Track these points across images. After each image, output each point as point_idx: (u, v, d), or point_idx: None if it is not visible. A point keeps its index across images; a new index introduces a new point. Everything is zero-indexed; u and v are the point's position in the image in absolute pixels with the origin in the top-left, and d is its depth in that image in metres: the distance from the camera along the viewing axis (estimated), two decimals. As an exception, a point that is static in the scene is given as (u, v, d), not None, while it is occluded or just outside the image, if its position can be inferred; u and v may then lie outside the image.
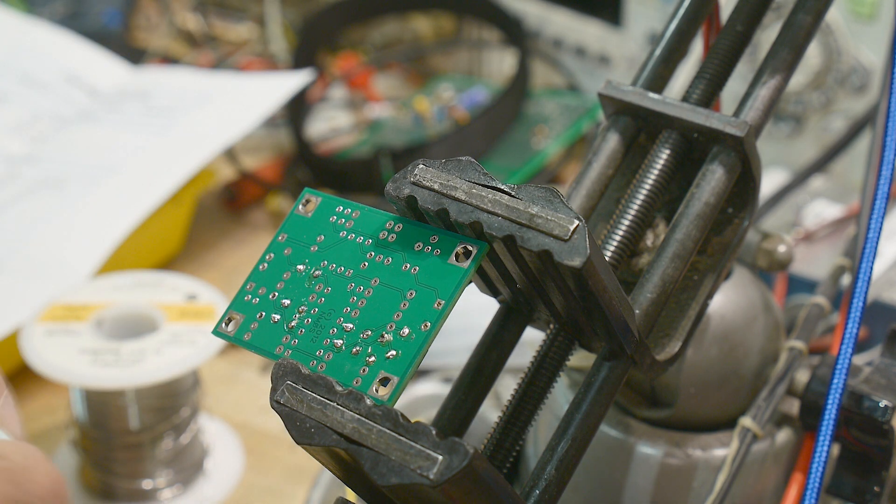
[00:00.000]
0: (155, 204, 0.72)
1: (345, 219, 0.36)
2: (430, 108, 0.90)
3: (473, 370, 0.39)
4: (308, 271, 0.35)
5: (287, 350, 0.34)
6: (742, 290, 0.47)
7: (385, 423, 0.31)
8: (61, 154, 0.78)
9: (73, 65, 0.86)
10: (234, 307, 0.36)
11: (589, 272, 0.33)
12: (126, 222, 0.71)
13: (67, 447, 0.63)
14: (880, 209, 0.40)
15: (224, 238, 0.82)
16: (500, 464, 0.38)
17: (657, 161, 0.40)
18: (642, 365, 0.38)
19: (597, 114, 0.88)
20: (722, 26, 0.43)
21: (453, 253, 0.34)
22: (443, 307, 0.33)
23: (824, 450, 0.39)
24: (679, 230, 0.39)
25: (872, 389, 0.44)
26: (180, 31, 1.03)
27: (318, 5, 0.99)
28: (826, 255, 0.65)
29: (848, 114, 0.77)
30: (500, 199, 0.33)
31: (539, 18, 0.92)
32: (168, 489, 0.60)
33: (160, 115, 0.81)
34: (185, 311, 0.60)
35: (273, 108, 0.82)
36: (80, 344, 0.58)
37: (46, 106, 0.82)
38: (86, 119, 0.82)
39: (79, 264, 0.69)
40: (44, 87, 0.84)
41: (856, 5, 0.74)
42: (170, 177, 0.74)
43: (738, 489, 0.45)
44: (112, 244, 0.70)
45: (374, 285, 0.34)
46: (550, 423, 0.48)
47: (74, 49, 0.88)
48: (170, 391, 0.59)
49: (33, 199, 0.74)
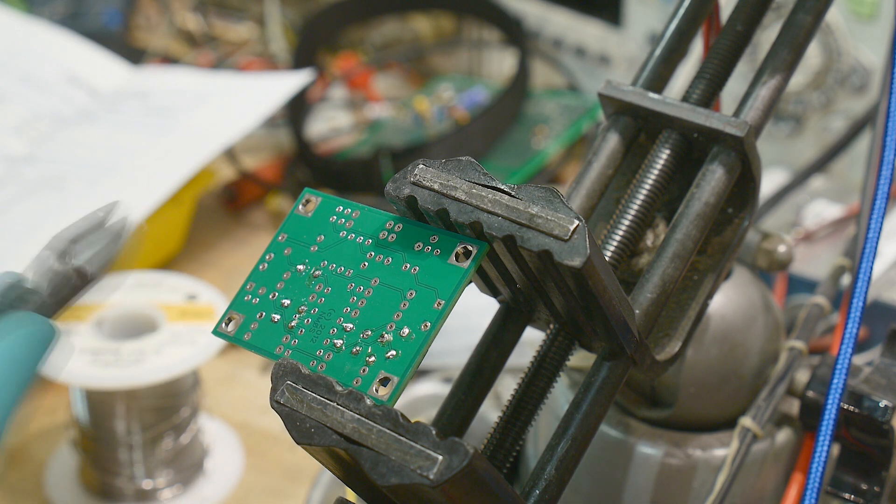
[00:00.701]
0: (155, 204, 0.72)
1: (345, 219, 0.36)
2: (430, 108, 0.90)
3: (473, 370, 0.39)
4: (308, 271, 0.35)
5: (287, 350, 0.34)
6: (742, 290, 0.47)
7: (385, 423, 0.31)
8: (61, 154, 0.78)
9: (73, 65, 0.86)
10: (234, 307, 0.36)
11: (589, 272, 0.33)
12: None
13: (67, 447, 0.63)
14: (880, 209, 0.40)
15: (224, 238, 0.82)
16: (500, 464, 0.38)
17: (657, 161, 0.40)
18: (642, 365, 0.38)
19: (597, 114, 0.88)
20: (722, 26, 0.43)
21: (453, 253, 0.34)
22: (443, 307, 0.33)
23: (824, 450, 0.39)
24: (679, 230, 0.39)
25: (872, 389, 0.44)
26: (180, 31, 1.03)
27: (318, 5, 0.99)
28: (826, 255, 0.65)
29: (848, 114, 0.77)
30: (501, 199, 0.33)
31: (539, 18, 0.92)
32: (168, 489, 0.60)
33: (160, 114, 0.81)
34: (185, 311, 0.60)
35: (273, 108, 0.82)
36: (80, 344, 0.58)
37: (47, 106, 0.82)
38: (86, 119, 0.82)
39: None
40: (44, 87, 0.84)
41: (856, 5, 0.74)
42: (170, 177, 0.74)
43: (738, 489, 0.45)
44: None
45: (374, 285, 0.34)
46: (550, 423, 0.48)
47: (75, 49, 0.88)
48: (170, 391, 0.59)
49: (33, 199, 0.74)
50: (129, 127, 0.80)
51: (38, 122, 0.80)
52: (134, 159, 0.77)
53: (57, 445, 0.63)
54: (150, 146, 0.78)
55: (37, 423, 0.66)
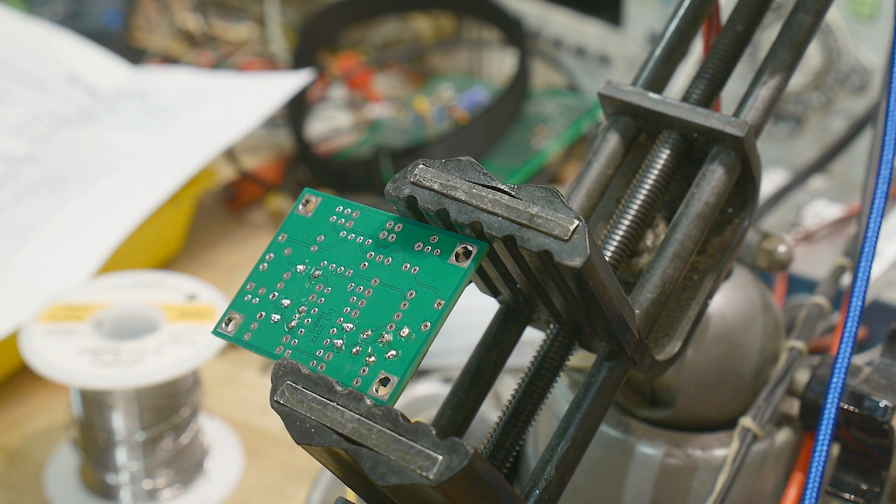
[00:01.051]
0: (155, 204, 0.72)
1: (345, 219, 0.36)
2: (430, 108, 0.90)
3: (473, 370, 0.39)
4: (308, 271, 0.35)
5: (287, 350, 0.34)
6: (742, 290, 0.47)
7: (385, 423, 0.31)
8: (60, 154, 0.78)
9: (73, 65, 0.86)
10: (234, 307, 0.36)
11: (589, 272, 0.33)
12: (126, 223, 0.71)
13: (67, 447, 0.63)
14: (880, 209, 0.40)
15: (224, 238, 0.82)
16: (500, 464, 0.38)
17: (657, 161, 0.40)
18: (642, 365, 0.38)
19: (597, 114, 0.88)
20: (722, 26, 0.43)
21: (453, 253, 0.34)
22: (443, 307, 0.33)
23: (824, 449, 0.39)
24: (679, 230, 0.39)
25: (872, 389, 0.44)
26: (180, 31, 1.03)
27: (318, 5, 0.99)
28: (826, 255, 0.65)
29: (848, 114, 0.77)
30: (501, 199, 0.33)
31: (539, 18, 0.92)
32: (168, 489, 0.60)
33: (160, 114, 0.81)
34: (185, 311, 0.61)
35: (273, 108, 0.82)
36: (80, 344, 0.58)
37: (47, 106, 0.82)
38: (86, 119, 0.82)
39: (78, 266, 0.69)
40: (44, 87, 0.83)
41: (856, 5, 0.74)
42: (169, 177, 0.74)
43: (738, 489, 0.45)
44: (112, 245, 0.70)
45: (374, 285, 0.34)
46: (550, 424, 0.48)
47: (74, 49, 0.88)
48: (170, 391, 0.59)
49: (33, 199, 0.74)
50: (128, 127, 0.80)
51: (38, 122, 0.80)
52: (133, 159, 0.77)
53: (57, 445, 0.63)
54: (150, 146, 0.79)
55: (37, 423, 0.66)
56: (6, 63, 0.85)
